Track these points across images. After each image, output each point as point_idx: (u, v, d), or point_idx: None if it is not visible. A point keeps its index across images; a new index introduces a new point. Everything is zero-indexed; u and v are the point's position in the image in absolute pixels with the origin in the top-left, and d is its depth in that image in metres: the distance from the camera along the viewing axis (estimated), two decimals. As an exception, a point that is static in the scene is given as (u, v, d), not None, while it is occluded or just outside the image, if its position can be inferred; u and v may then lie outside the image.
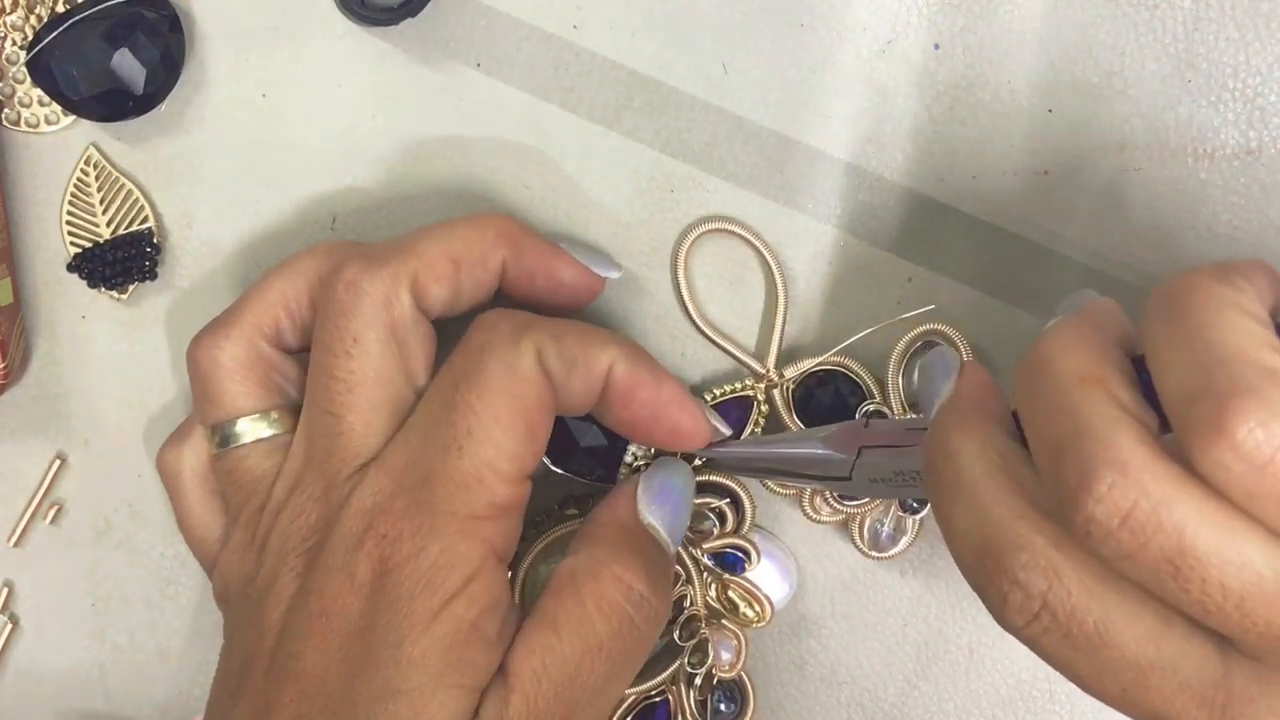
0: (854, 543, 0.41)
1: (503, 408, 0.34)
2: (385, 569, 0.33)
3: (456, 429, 0.34)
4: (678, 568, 0.39)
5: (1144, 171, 0.40)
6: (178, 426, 0.39)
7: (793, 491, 0.40)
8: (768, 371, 0.40)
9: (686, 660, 0.39)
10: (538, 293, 0.37)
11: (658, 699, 0.40)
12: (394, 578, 0.33)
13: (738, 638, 0.40)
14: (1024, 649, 0.33)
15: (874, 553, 0.41)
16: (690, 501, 0.38)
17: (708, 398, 0.40)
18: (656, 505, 0.37)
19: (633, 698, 0.39)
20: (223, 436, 0.36)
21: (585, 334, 0.35)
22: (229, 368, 0.36)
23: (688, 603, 0.39)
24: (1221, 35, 0.39)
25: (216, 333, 0.37)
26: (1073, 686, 0.30)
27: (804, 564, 0.41)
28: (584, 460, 0.39)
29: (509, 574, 0.35)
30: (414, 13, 0.39)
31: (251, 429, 0.36)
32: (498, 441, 0.34)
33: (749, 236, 0.40)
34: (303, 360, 0.37)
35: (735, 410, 0.40)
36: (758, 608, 0.40)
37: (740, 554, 0.40)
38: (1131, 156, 0.40)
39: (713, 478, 0.40)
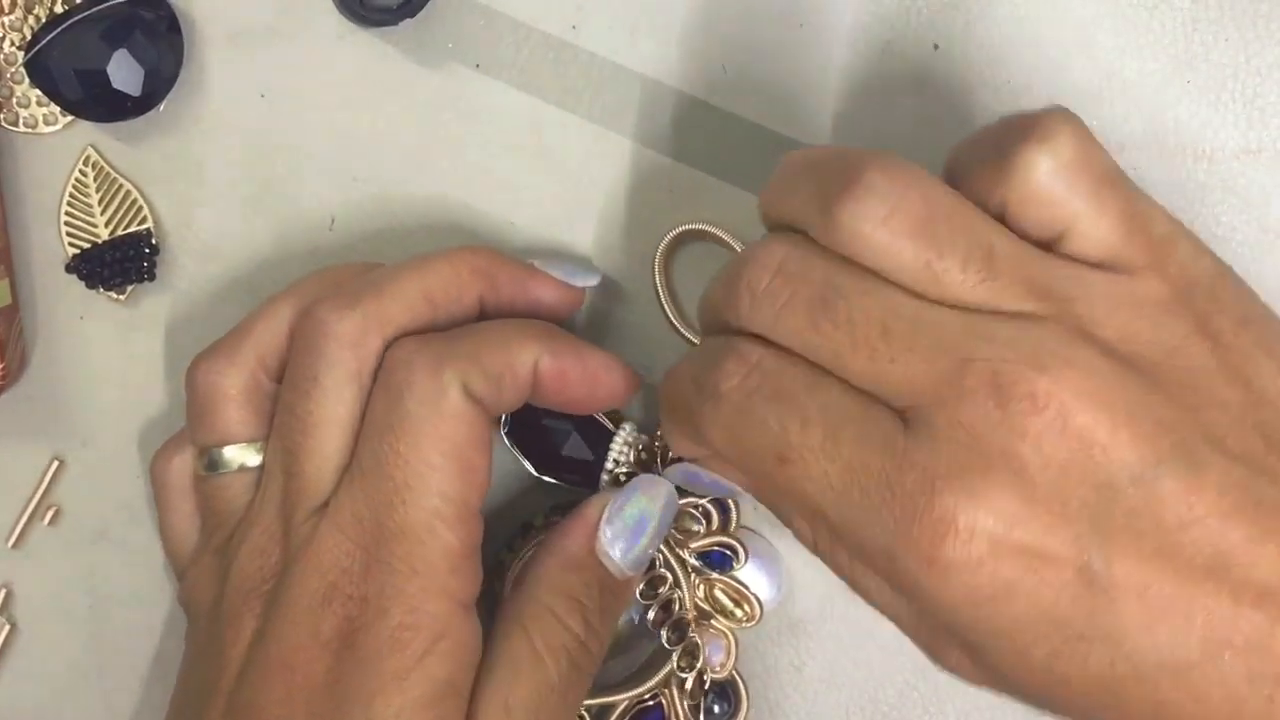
0: None
1: (435, 452, 0.33)
2: (352, 628, 0.33)
3: (395, 482, 0.33)
4: (664, 572, 0.39)
5: (1144, 171, 0.40)
6: (174, 435, 0.39)
7: None
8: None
9: (676, 664, 0.39)
10: (519, 316, 0.37)
11: (651, 702, 0.40)
12: (362, 638, 0.33)
13: (728, 638, 0.40)
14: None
15: None
16: (665, 526, 0.38)
17: None
18: (618, 539, 0.37)
19: (626, 702, 0.39)
20: (210, 460, 0.36)
21: (504, 339, 0.35)
22: (228, 394, 0.36)
23: (676, 605, 0.39)
24: (1220, 36, 0.39)
25: (219, 357, 0.36)
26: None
27: (801, 565, 0.41)
28: (566, 468, 0.39)
29: (478, 619, 0.35)
30: (413, 13, 0.39)
31: (238, 456, 0.36)
32: (437, 489, 0.33)
33: (727, 238, 0.40)
34: None
35: None
36: (747, 607, 0.39)
37: (728, 551, 0.39)
38: (1131, 157, 0.40)
39: None
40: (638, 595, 0.39)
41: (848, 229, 0.29)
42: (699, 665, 0.39)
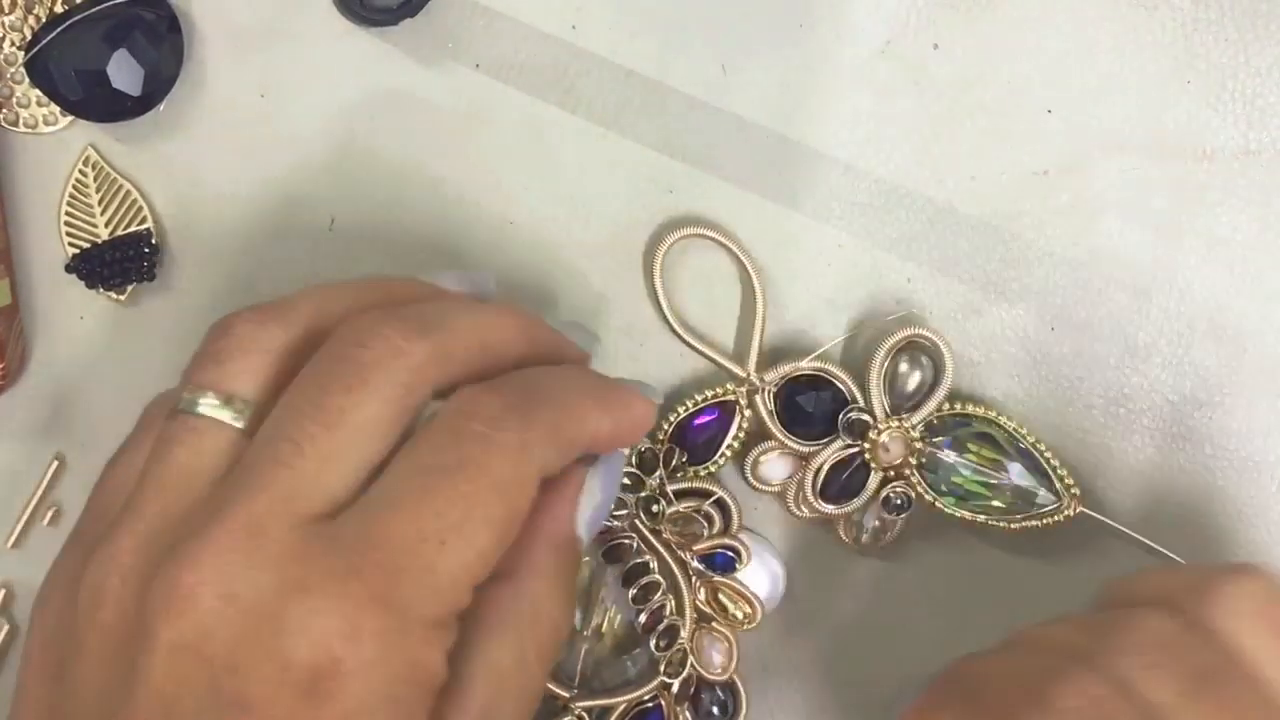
0: (840, 540, 0.41)
1: (498, 509, 0.30)
2: (335, 671, 0.27)
3: (445, 519, 0.29)
4: (659, 577, 0.39)
5: (1144, 171, 0.40)
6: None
7: (776, 488, 0.40)
8: (748, 375, 0.40)
9: (663, 669, 0.39)
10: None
11: (650, 704, 0.40)
12: (346, 684, 0.27)
13: (728, 640, 0.40)
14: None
15: (859, 550, 0.41)
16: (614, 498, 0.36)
17: (689, 404, 0.40)
18: (592, 520, 0.34)
19: (626, 704, 0.39)
20: (188, 400, 0.31)
21: (576, 411, 0.32)
22: (259, 348, 0.31)
23: (668, 611, 0.39)
24: (1220, 36, 0.39)
25: (264, 314, 0.32)
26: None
27: (800, 565, 0.41)
28: None
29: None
30: (413, 13, 0.39)
31: (217, 411, 0.31)
32: (482, 544, 0.29)
33: (724, 240, 0.39)
34: None
35: (718, 414, 0.40)
36: (748, 609, 0.39)
37: (731, 554, 0.39)
38: (1131, 157, 0.40)
39: (694, 484, 0.40)
40: (629, 600, 0.39)
41: (1221, 620, 0.33)
42: (685, 673, 0.39)
